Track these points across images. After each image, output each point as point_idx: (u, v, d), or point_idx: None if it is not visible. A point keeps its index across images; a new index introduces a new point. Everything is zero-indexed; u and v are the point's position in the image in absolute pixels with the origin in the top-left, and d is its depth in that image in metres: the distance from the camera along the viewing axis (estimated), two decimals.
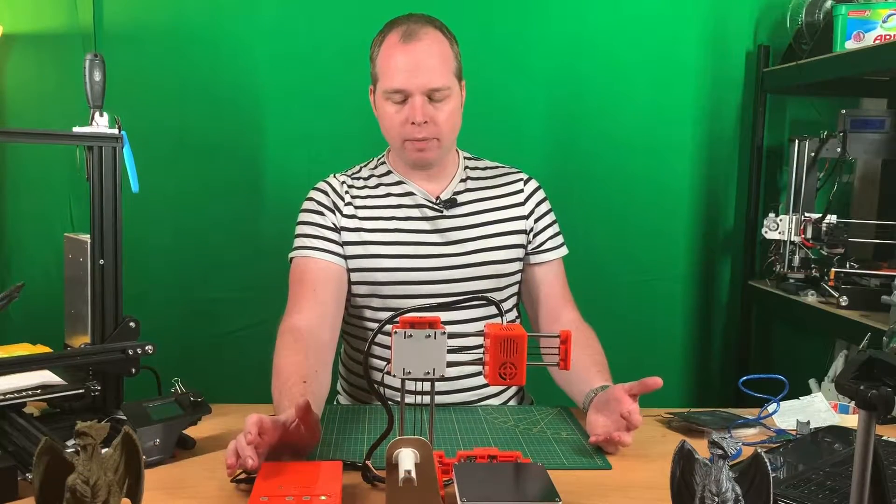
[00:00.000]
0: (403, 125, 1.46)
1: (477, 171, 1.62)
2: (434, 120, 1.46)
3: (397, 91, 1.45)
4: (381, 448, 1.00)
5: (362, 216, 1.52)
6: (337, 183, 1.57)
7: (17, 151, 2.07)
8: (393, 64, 1.46)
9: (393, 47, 1.46)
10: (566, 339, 1.00)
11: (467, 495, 0.92)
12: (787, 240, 2.06)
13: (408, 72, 1.44)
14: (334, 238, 1.51)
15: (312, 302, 1.45)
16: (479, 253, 1.54)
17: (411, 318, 0.98)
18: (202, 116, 2.09)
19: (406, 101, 1.45)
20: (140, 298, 1.92)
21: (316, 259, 1.49)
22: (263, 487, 0.98)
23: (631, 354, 2.25)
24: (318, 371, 1.33)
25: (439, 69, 1.46)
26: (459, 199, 1.56)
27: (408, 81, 1.44)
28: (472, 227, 1.55)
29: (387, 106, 1.48)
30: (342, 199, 1.54)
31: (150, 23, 2.05)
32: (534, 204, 1.61)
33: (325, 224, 1.52)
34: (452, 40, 1.51)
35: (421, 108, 1.44)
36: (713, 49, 2.21)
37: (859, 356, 0.73)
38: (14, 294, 1.28)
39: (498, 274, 1.55)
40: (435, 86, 1.45)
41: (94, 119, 1.30)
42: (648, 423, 1.39)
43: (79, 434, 0.79)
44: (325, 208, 1.53)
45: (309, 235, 1.51)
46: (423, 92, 1.44)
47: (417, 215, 1.54)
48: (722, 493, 0.80)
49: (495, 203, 1.58)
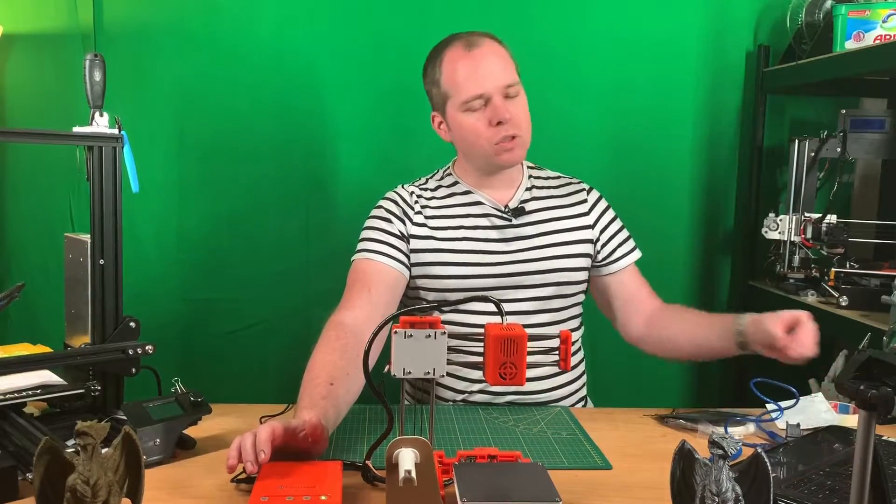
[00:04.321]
0: (489, 129, 1.48)
1: (540, 180, 1.64)
2: (515, 117, 1.49)
3: (478, 97, 1.47)
4: (381, 448, 1.00)
5: (433, 225, 1.54)
6: (406, 193, 1.59)
7: (17, 151, 2.07)
8: (463, 74, 1.48)
9: (458, 60, 1.49)
10: (566, 339, 1.00)
11: (467, 495, 0.92)
12: (787, 240, 2.06)
13: (481, 76, 1.47)
14: (399, 245, 1.53)
15: (366, 301, 1.46)
16: (547, 261, 1.55)
17: (411, 319, 0.98)
18: (202, 116, 2.09)
19: (485, 106, 1.48)
20: (140, 298, 1.91)
21: (376, 262, 1.51)
22: (263, 487, 0.98)
23: (631, 354, 2.25)
24: (351, 373, 1.29)
25: (507, 67, 1.50)
26: (527, 207, 1.57)
27: (484, 84, 1.47)
28: (539, 236, 1.56)
29: (467, 118, 1.50)
30: (412, 208, 1.57)
31: (150, 23, 2.05)
32: (598, 213, 1.63)
33: (391, 231, 1.54)
34: (507, 46, 1.55)
35: (502, 106, 1.47)
36: (713, 49, 2.20)
37: (859, 356, 0.73)
38: (14, 294, 1.28)
39: (565, 282, 1.56)
40: (508, 82, 1.48)
41: (94, 119, 1.30)
42: (648, 423, 1.39)
43: (79, 434, 0.79)
44: (394, 216, 1.55)
45: (373, 240, 1.53)
46: (500, 92, 1.47)
47: (486, 224, 1.56)
48: (722, 493, 0.80)
49: (561, 213, 1.60)
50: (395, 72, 2.07)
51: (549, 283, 1.55)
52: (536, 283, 1.55)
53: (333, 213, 2.12)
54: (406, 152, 2.09)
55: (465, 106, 1.49)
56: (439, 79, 1.52)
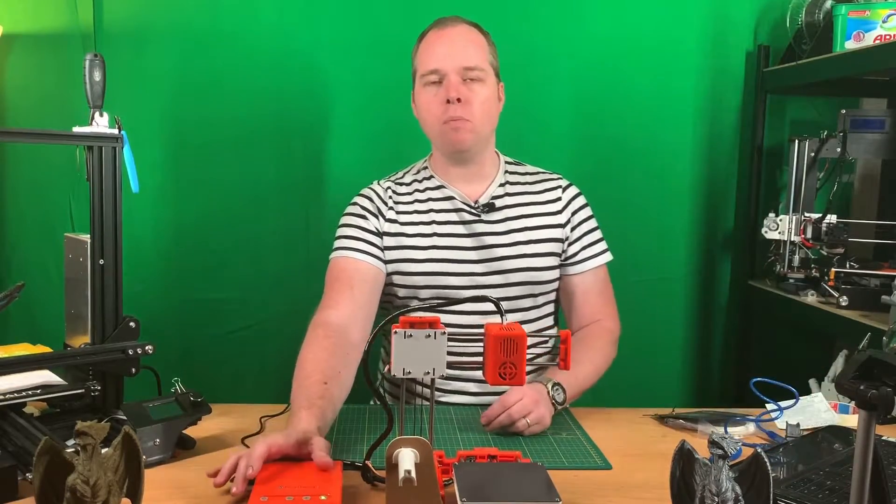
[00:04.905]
0: (440, 106, 1.49)
1: (517, 176, 1.62)
2: (468, 101, 1.48)
3: (433, 71, 1.49)
4: (381, 448, 1.00)
5: (403, 221, 1.55)
6: (381, 189, 1.60)
7: (17, 151, 2.07)
8: (430, 50, 1.52)
9: (430, 37, 1.53)
10: (566, 339, 1.00)
11: (467, 495, 0.92)
12: (787, 240, 2.06)
13: (443, 54, 1.50)
14: (375, 242, 1.53)
15: (348, 300, 1.46)
16: (513, 259, 1.54)
17: (411, 318, 0.98)
18: (202, 116, 2.08)
19: (442, 84, 1.49)
20: (140, 298, 1.92)
21: (356, 259, 1.51)
22: (263, 487, 0.98)
23: (631, 354, 2.25)
24: (342, 372, 1.31)
25: (473, 51, 1.51)
26: (498, 203, 1.56)
27: (443, 61, 1.49)
28: (506, 234, 1.55)
29: (424, 93, 1.52)
30: (386, 204, 1.57)
31: (150, 22, 2.05)
32: (571, 212, 1.61)
33: (367, 227, 1.54)
34: (489, 38, 1.57)
35: (455, 85, 1.47)
36: (713, 49, 2.20)
37: (859, 356, 0.73)
38: (14, 294, 1.28)
39: (533, 281, 1.55)
40: (469, 64, 1.49)
41: (94, 119, 1.30)
42: (648, 423, 1.39)
43: (79, 434, 0.79)
44: (369, 213, 1.56)
45: (350, 237, 1.54)
46: (457, 71, 1.48)
47: (455, 219, 1.55)
48: (722, 493, 0.80)
49: (533, 209, 1.58)
50: (397, 71, 2.06)
51: (517, 282, 1.54)
52: (504, 282, 1.53)
53: (333, 212, 2.10)
54: (407, 151, 2.09)
55: (423, 80, 1.51)
56: (414, 55, 1.56)
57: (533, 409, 1.28)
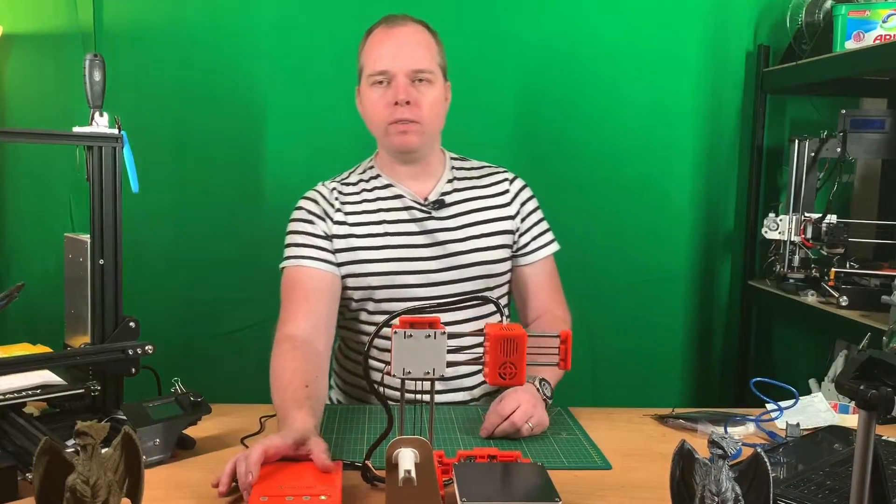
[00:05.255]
0: (387, 108, 1.48)
1: (463, 171, 1.62)
2: (417, 103, 1.47)
3: (381, 73, 1.47)
4: (381, 448, 1.00)
5: (352, 222, 1.53)
6: (326, 191, 1.58)
7: (17, 151, 2.07)
8: (377, 49, 1.49)
9: (378, 35, 1.51)
10: (566, 339, 1.00)
11: (467, 495, 0.92)
12: (787, 240, 2.06)
13: (391, 55, 1.48)
14: (326, 246, 1.52)
15: (306, 311, 1.45)
16: (468, 254, 1.54)
17: (411, 318, 0.98)
18: (202, 116, 2.09)
19: (389, 85, 1.47)
20: (140, 298, 1.91)
21: (308, 268, 1.49)
22: (263, 487, 0.98)
23: (631, 354, 2.26)
24: (319, 377, 1.33)
25: (422, 53, 1.49)
26: (447, 199, 1.56)
27: (391, 63, 1.47)
28: (459, 228, 1.55)
29: (371, 92, 1.50)
30: (332, 206, 1.55)
31: (150, 23, 2.05)
32: (519, 204, 1.61)
33: (315, 233, 1.52)
34: (437, 37, 1.54)
35: (404, 87, 1.46)
36: (713, 49, 2.20)
37: (859, 356, 0.73)
38: (14, 294, 1.28)
39: (487, 274, 1.55)
40: (418, 67, 1.47)
41: (94, 119, 1.30)
42: (648, 423, 1.39)
43: (79, 434, 0.79)
44: (316, 217, 1.54)
45: (300, 245, 1.52)
46: (406, 73, 1.47)
47: (406, 217, 1.54)
48: (722, 493, 0.80)
49: (482, 203, 1.58)
50: None
51: (472, 276, 1.54)
52: (458, 277, 1.53)
53: None
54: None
55: (370, 79, 1.49)
56: (360, 52, 1.54)
57: (533, 412, 1.28)
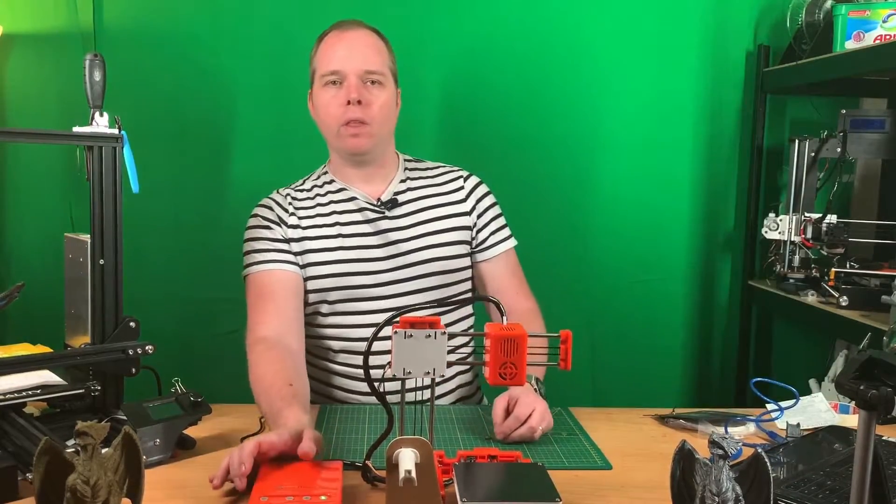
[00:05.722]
0: (339, 107, 1.49)
1: (417, 172, 1.63)
2: (368, 103, 1.48)
3: (334, 72, 1.49)
4: (381, 448, 1.00)
5: (306, 226, 1.54)
6: (280, 197, 1.59)
7: (17, 151, 2.07)
8: (330, 51, 1.51)
9: (330, 38, 1.53)
10: (566, 339, 1.00)
11: (467, 495, 0.92)
12: (787, 240, 2.06)
13: (343, 56, 1.49)
14: (286, 248, 1.52)
15: (274, 314, 1.45)
16: (420, 251, 1.54)
17: (412, 318, 0.98)
18: (202, 116, 2.08)
19: (341, 86, 1.49)
20: (140, 298, 1.91)
21: (272, 271, 1.50)
22: (263, 487, 0.98)
23: (631, 354, 2.25)
24: (300, 374, 1.34)
25: (373, 55, 1.51)
26: (401, 198, 1.56)
27: (343, 63, 1.49)
28: (411, 227, 1.55)
29: (323, 93, 1.51)
30: (286, 210, 1.56)
31: (149, 23, 2.05)
32: (475, 200, 1.61)
33: (274, 237, 1.53)
34: (388, 44, 1.56)
35: (356, 87, 1.47)
36: (713, 49, 2.20)
37: (859, 356, 0.73)
38: (14, 294, 1.28)
39: (443, 271, 1.55)
40: (370, 68, 1.49)
41: (94, 119, 1.30)
42: (648, 423, 1.39)
43: (79, 434, 0.79)
44: (272, 222, 1.55)
45: (260, 250, 1.52)
46: (357, 74, 1.48)
47: (359, 219, 1.55)
48: (722, 493, 0.80)
49: (436, 201, 1.59)
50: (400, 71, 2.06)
51: (430, 272, 1.54)
52: (417, 274, 1.53)
53: None
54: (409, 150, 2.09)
55: (323, 80, 1.51)
56: (312, 56, 1.56)
57: (546, 414, 1.28)
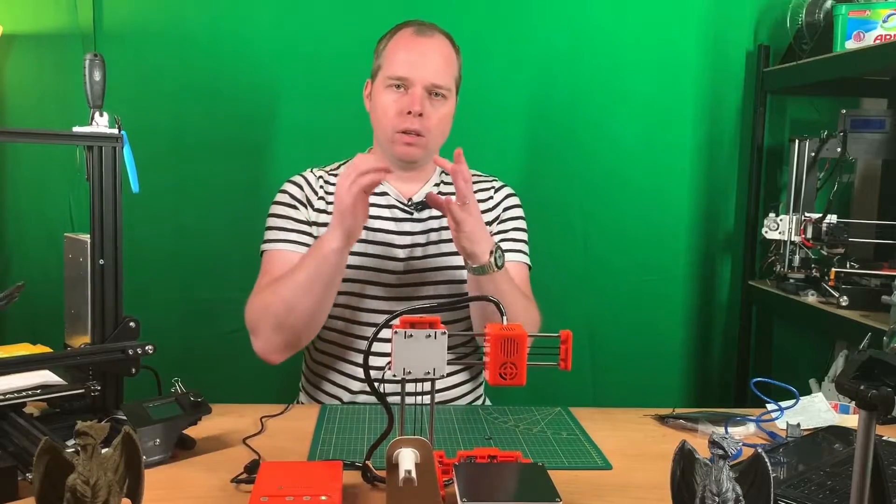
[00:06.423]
0: (399, 115, 1.47)
1: None
2: (428, 116, 1.47)
3: (400, 79, 1.47)
4: (381, 448, 1.00)
5: (331, 211, 1.51)
6: (313, 178, 1.58)
7: (17, 151, 2.07)
8: (401, 54, 1.48)
9: (404, 38, 1.50)
10: (566, 339, 1.00)
11: (467, 495, 0.92)
12: (787, 240, 2.06)
13: (414, 63, 1.47)
14: (307, 230, 1.52)
15: None
16: (441, 257, 1.54)
17: (412, 318, 0.98)
18: (202, 116, 2.09)
19: (406, 92, 1.47)
20: (140, 299, 1.91)
21: (289, 252, 1.49)
22: (263, 487, 0.98)
23: (631, 354, 2.25)
24: None
25: (444, 69, 1.49)
26: None
27: (412, 71, 1.46)
28: (432, 231, 1.55)
29: (385, 94, 1.49)
30: (316, 193, 1.55)
31: (149, 23, 2.05)
32: (502, 209, 1.62)
33: (298, 218, 1.53)
34: (459, 53, 1.54)
35: (420, 99, 1.46)
36: (713, 49, 2.21)
37: (859, 356, 0.73)
38: (14, 294, 1.28)
39: (453, 280, 1.54)
40: (437, 82, 1.47)
41: (94, 119, 1.30)
42: (648, 423, 1.39)
43: (79, 434, 0.79)
44: (298, 202, 1.54)
45: (282, 228, 1.52)
46: (424, 85, 1.46)
47: (387, 215, 1.55)
48: (722, 493, 0.80)
49: None
50: None
51: (444, 280, 1.53)
52: (432, 280, 1.53)
53: None
54: None
55: (388, 81, 1.48)
56: (382, 50, 1.53)
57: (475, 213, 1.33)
